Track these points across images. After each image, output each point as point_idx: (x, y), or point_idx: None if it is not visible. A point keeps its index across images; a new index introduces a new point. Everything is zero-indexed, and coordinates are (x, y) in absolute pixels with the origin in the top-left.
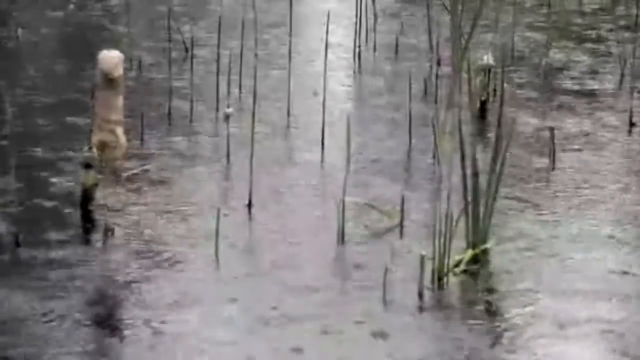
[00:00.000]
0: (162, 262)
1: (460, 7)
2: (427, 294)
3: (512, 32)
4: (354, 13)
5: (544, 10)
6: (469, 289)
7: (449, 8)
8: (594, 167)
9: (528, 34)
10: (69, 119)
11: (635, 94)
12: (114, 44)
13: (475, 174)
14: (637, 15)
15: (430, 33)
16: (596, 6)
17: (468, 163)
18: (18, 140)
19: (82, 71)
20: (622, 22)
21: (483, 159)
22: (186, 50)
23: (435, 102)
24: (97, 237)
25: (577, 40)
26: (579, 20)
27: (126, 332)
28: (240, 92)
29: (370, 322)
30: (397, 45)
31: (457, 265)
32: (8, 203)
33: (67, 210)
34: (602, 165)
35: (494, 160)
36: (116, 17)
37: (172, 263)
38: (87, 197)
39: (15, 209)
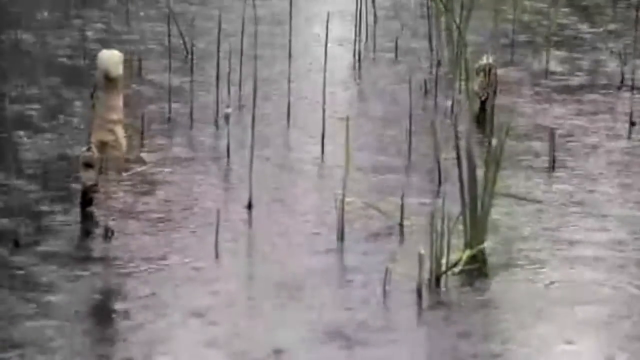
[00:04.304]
0: (162, 262)
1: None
2: (425, 293)
3: (512, 31)
4: (354, 13)
5: (544, 8)
6: (467, 288)
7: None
8: (594, 167)
9: (528, 32)
10: (68, 117)
11: (636, 94)
12: (114, 43)
13: (474, 174)
14: (637, 14)
15: (430, 33)
16: (596, 6)
17: (466, 162)
18: (16, 135)
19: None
20: (622, 21)
21: (482, 158)
22: (186, 50)
23: (435, 102)
24: (97, 237)
25: (577, 38)
26: (579, 19)
27: (125, 333)
28: (240, 92)
29: (369, 321)
30: (396, 46)
31: (455, 264)
32: (7, 203)
33: (66, 210)
34: (602, 164)
35: (492, 159)
36: (116, 17)
37: (172, 263)
38: (87, 196)
39: (15, 209)
